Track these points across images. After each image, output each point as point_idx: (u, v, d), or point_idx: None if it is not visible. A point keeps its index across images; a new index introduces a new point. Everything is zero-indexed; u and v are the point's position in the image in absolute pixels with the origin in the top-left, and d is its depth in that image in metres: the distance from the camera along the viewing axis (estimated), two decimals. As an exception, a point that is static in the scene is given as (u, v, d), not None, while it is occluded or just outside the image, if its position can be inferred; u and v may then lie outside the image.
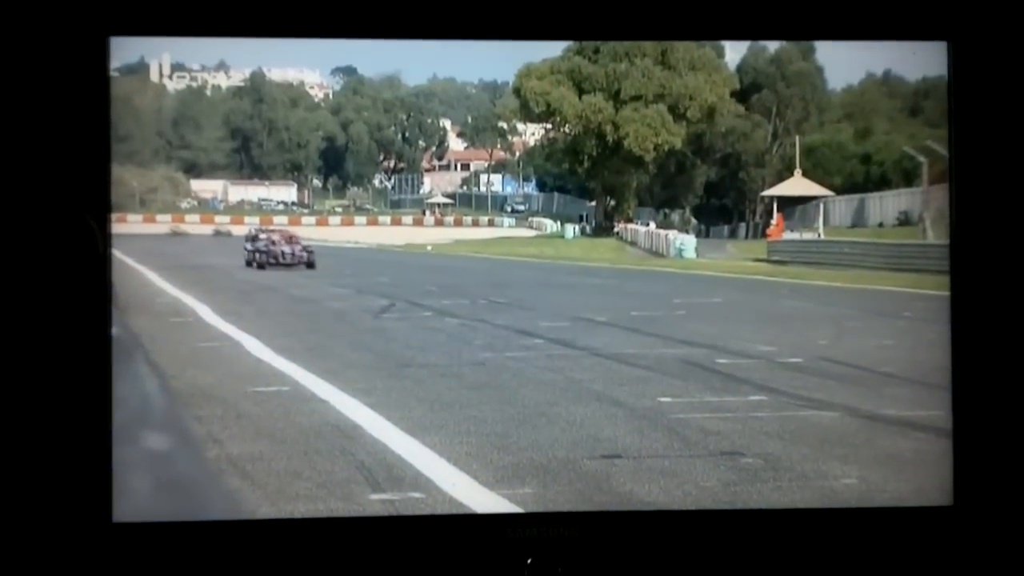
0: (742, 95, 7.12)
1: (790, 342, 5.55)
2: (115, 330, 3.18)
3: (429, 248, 7.71)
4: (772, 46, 7.07)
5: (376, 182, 8.07)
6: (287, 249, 6.76)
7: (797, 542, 3.33)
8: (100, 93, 3.17)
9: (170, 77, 6.17)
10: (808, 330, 5.73)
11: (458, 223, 7.92)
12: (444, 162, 8.06)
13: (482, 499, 3.74)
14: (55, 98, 3.14)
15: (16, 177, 3.12)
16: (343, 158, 7.91)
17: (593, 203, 7.64)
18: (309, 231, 7.58)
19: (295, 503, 3.65)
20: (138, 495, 3.22)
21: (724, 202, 7.60)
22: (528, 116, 7.19)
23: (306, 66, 7.14)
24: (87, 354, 3.11)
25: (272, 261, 6.71)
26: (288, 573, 3.18)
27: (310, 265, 6.75)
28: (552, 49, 7.17)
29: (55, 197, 3.13)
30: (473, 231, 7.92)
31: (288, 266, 6.69)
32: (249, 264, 6.76)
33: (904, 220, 6.45)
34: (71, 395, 3.10)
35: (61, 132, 3.14)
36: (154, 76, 5.83)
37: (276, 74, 7.29)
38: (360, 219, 7.86)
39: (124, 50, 3.23)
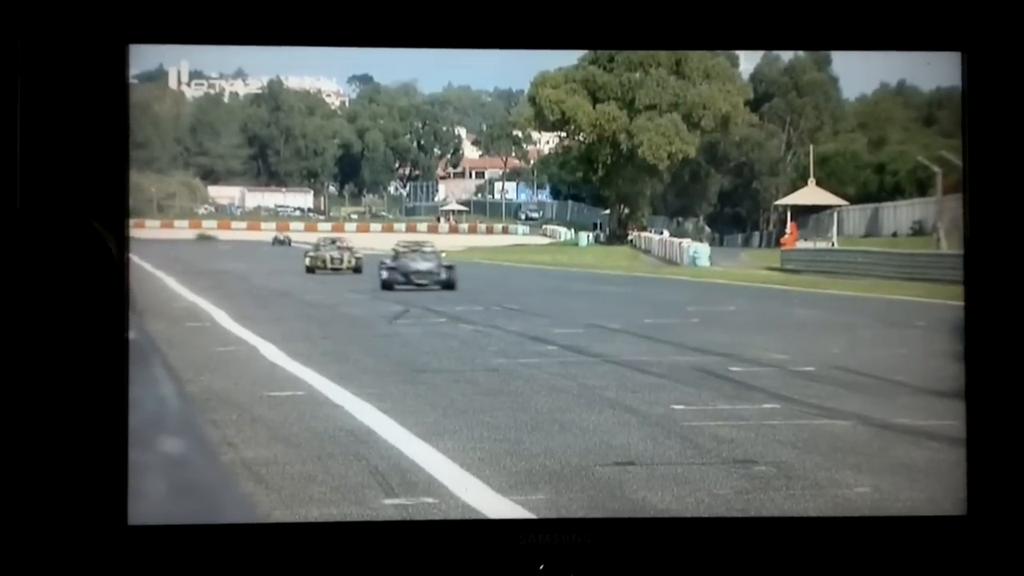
0: (756, 104, 7.12)
1: (803, 350, 5.54)
2: (132, 334, 3.20)
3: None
4: (786, 56, 7.07)
5: (391, 189, 8.09)
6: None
7: (810, 550, 3.32)
8: (119, 100, 3.20)
9: (188, 84, 6.22)
10: (821, 339, 5.73)
11: (472, 230, 7.94)
12: (459, 170, 8.09)
13: (495, 505, 3.75)
14: (75, 105, 3.16)
15: (36, 181, 3.16)
16: (359, 165, 7.94)
17: (607, 211, 7.65)
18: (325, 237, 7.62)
19: (309, 507, 3.67)
20: (153, 498, 3.24)
21: (738, 211, 7.60)
22: (543, 124, 7.20)
23: (323, 74, 7.18)
24: (104, 357, 3.14)
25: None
26: (301, 576, 3.19)
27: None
28: (567, 58, 7.19)
29: (74, 201, 3.16)
30: (487, 238, 7.94)
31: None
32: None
33: (918, 230, 6.44)
34: (88, 398, 3.13)
35: (81, 138, 3.17)
36: (173, 83, 5.88)
37: (293, 82, 7.33)
38: (375, 226, 7.89)
39: (143, 57, 3.26)
